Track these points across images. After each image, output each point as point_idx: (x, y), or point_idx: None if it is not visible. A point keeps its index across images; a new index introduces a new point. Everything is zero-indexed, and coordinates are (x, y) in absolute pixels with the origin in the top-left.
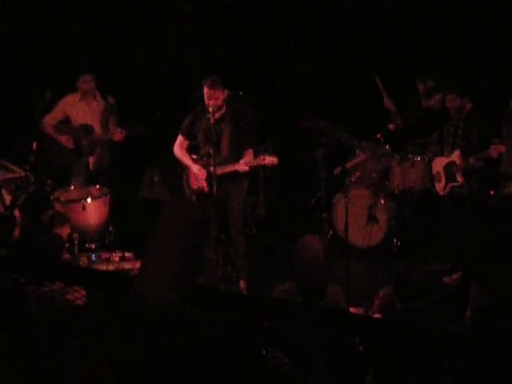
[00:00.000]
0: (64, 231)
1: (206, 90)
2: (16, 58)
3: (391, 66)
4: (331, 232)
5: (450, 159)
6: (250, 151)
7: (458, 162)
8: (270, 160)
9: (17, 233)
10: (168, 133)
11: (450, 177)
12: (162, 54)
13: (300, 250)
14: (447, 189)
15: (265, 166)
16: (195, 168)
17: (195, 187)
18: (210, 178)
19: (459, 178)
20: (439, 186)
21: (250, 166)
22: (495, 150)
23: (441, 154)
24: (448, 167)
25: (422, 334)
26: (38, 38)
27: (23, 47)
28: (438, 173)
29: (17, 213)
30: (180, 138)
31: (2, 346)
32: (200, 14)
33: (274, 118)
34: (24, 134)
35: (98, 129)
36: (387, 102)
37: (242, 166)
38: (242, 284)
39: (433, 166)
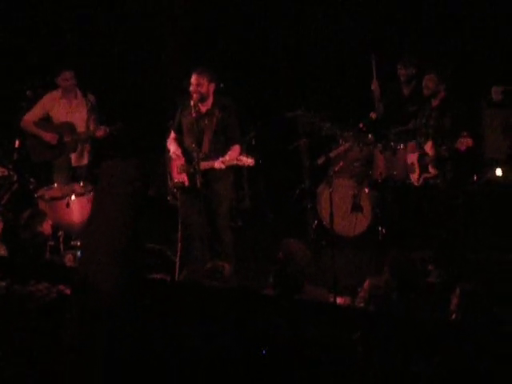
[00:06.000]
0: (45, 229)
1: (193, 76)
2: None
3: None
4: (316, 222)
5: (423, 150)
6: (237, 147)
7: (430, 153)
8: (247, 161)
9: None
10: (150, 128)
11: (423, 168)
12: (143, 50)
13: (285, 256)
14: (421, 180)
15: (241, 166)
16: (172, 150)
17: (176, 181)
18: (194, 171)
19: (431, 170)
20: (414, 177)
21: (227, 165)
22: (462, 143)
23: (406, 144)
24: (421, 158)
25: (416, 325)
26: (18, 36)
27: (3, 45)
28: (413, 163)
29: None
30: (172, 133)
31: None
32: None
33: (256, 109)
34: (6, 132)
35: (79, 126)
36: (375, 85)
37: (218, 163)
38: (226, 271)
39: (407, 156)
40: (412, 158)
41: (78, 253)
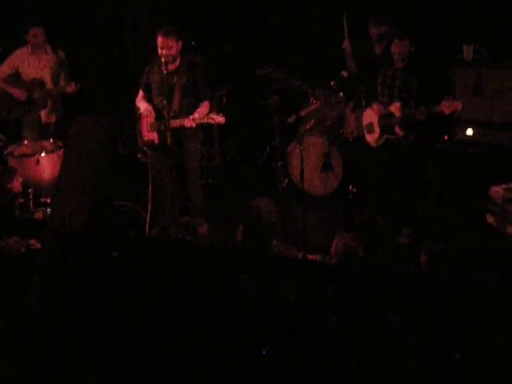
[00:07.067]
0: (15, 186)
1: (159, 38)
2: None
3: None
4: (286, 180)
5: (386, 111)
6: (206, 103)
7: (397, 114)
8: (217, 119)
9: None
10: (122, 86)
11: (387, 129)
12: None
13: (253, 215)
14: (381, 141)
15: (212, 124)
16: (143, 108)
17: (146, 138)
18: (164, 129)
19: (398, 131)
20: (372, 137)
21: (197, 124)
22: (448, 106)
23: (369, 104)
24: (384, 119)
25: (385, 280)
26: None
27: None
28: (371, 124)
29: None
30: (140, 91)
31: None
32: None
33: (227, 67)
34: None
35: (49, 82)
36: (346, 43)
37: (189, 122)
38: (203, 229)
39: (363, 117)
40: (369, 118)
41: (48, 210)
